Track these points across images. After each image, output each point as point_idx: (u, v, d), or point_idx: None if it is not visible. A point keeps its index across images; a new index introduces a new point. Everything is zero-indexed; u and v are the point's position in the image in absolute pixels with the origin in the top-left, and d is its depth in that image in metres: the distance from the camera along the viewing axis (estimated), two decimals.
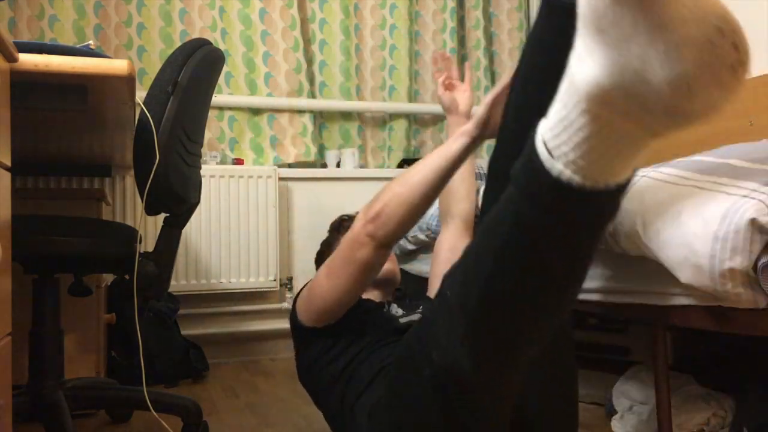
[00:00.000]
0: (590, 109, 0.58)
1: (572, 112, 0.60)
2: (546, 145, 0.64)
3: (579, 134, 0.60)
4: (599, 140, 0.60)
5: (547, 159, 0.63)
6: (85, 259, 1.47)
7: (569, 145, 0.61)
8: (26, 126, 1.33)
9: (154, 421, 1.60)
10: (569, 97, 0.60)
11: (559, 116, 0.62)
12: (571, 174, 0.62)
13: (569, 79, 0.61)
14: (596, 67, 0.57)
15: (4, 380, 0.91)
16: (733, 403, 1.52)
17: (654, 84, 0.54)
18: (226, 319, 2.70)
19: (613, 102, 0.57)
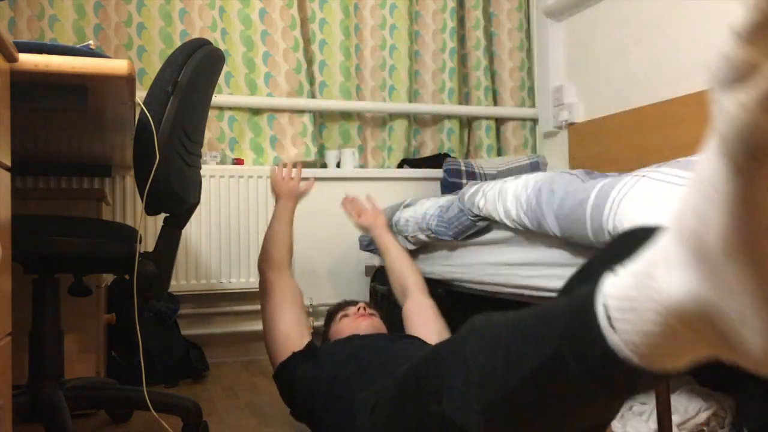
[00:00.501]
0: (667, 318, 0.56)
1: (645, 306, 0.58)
2: (607, 311, 0.62)
3: (646, 326, 0.58)
4: (665, 341, 0.58)
5: (607, 329, 0.61)
6: (85, 259, 1.47)
7: (633, 329, 0.59)
8: (26, 126, 1.33)
9: (154, 421, 1.60)
10: (646, 292, 0.57)
11: (629, 298, 0.59)
12: (627, 352, 0.60)
13: (649, 268, 0.57)
14: (686, 287, 0.53)
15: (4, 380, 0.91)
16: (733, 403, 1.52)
17: (746, 341, 0.51)
18: (226, 319, 2.70)
19: (693, 325, 0.54)
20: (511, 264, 1.80)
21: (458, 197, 1.98)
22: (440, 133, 3.14)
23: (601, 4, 2.78)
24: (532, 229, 1.61)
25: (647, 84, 2.52)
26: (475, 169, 2.83)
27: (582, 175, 1.57)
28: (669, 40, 2.42)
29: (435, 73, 3.12)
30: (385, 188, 2.94)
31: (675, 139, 2.33)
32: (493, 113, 3.16)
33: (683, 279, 0.54)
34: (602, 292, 0.63)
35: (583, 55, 2.92)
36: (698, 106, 2.24)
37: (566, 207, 1.44)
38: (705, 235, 0.51)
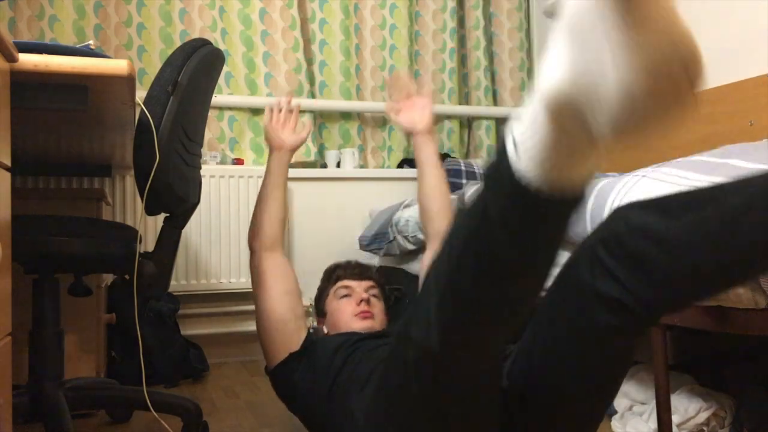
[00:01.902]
0: (552, 110, 0.63)
1: (539, 113, 0.65)
2: (515, 142, 0.69)
3: (543, 136, 0.65)
4: (557, 142, 0.65)
5: (514, 158, 0.68)
6: (85, 259, 1.47)
7: (534, 146, 0.66)
8: (26, 126, 1.34)
9: (154, 421, 1.60)
10: (537, 99, 0.65)
11: (528, 117, 0.67)
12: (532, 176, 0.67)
13: (538, 83, 0.65)
14: (560, 69, 0.60)
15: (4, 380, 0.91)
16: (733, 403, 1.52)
17: (603, 87, 0.57)
18: (226, 319, 2.70)
19: (571, 106, 0.61)
20: None
21: (458, 197, 1.98)
22: (440, 133, 3.14)
23: None
24: None
25: None
26: (475, 169, 2.83)
27: None
28: None
29: (435, 73, 3.12)
30: (385, 188, 2.94)
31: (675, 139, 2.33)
32: (493, 113, 3.16)
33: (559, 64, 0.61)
34: (510, 129, 0.70)
35: None
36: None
37: None
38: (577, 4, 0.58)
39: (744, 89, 2.07)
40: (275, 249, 1.62)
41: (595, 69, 0.57)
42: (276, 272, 1.58)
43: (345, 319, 1.61)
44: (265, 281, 1.57)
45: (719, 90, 2.16)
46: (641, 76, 0.55)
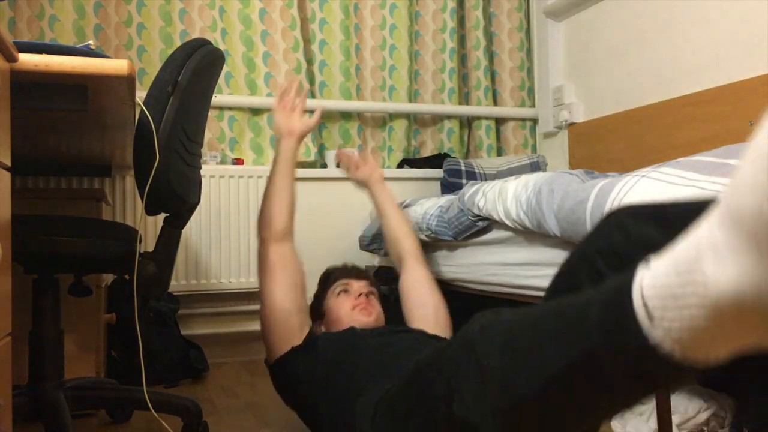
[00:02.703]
0: (719, 311, 0.54)
1: (691, 300, 0.55)
2: (646, 305, 0.59)
3: (692, 321, 0.56)
4: (710, 333, 0.56)
5: (646, 323, 0.59)
6: (85, 259, 1.47)
7: (677, 323, 0.57)
8: (26, 126, 1.33)
9: (154, 421, 1.60)
10: (692, 284, 0.55)
11: (673, 291, 0.57)
12: (669, 347, 0.58)
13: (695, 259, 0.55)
14: (741, 275, 0.51)
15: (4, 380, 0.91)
16: (733, 403, 1.52)
17: None
18: (226, 319, 2.70)
19: (748, 315, 0.52)
20: (511, 264, 1.80)
21: (458, 197, 1.98)
22: (440, 133, 3.14)
23: (601, 4, 2.78)
24: (532, 229, 1.61)
25: (647, 84, 2.52)
26: (475, 169, 2.82)
27: (582, 175, 1.57)
28: (669, 41, 2.42)
29: (435, 73, 3.12)
30: None
31: (675, 139, 2.33)
32: (493, 113, 3.16)
33: (736, 266, 0.51)
34: (638, 285, 0.60)
35: (583, 55, 2.92)
36: (698, 106, 2.24)
37: (566, 207, 1.44)
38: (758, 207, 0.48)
39: (744, 89, 2.07)
40: (285, 240, 1.61)
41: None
42: (283, 264, 1.58)
43: (344, 312, 1.61)
44: (272, 272, 1.56)
45: (719, 90, 2.16)
46: None
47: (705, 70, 2.26)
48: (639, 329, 0.59)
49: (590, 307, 0.66)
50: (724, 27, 2.19)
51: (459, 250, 2.10)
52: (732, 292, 0.51)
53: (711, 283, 0.53)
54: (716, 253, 0.53)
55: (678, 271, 0.56)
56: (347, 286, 1.66)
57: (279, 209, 1.62)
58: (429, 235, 2.16)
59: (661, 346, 0.58)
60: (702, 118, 2.22)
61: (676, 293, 0.56)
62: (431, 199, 2.33)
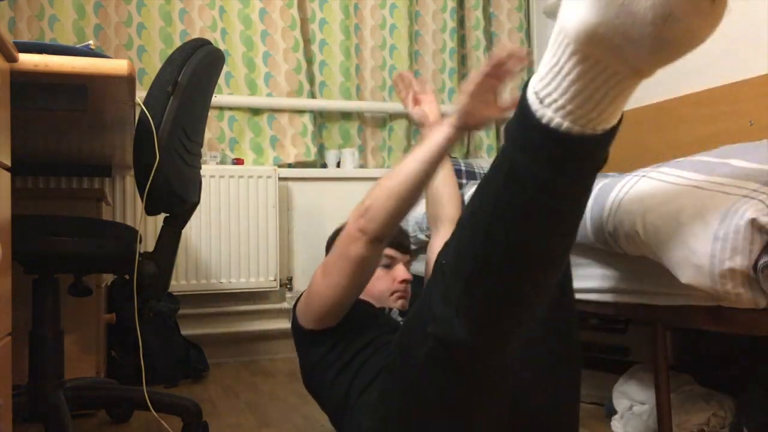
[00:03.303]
0: (580, 49, 0.61)
1: (562, 57, 0.63)
2: (537, 95, 0.66)
3: (568, 78, 0.63)
4: (588, 81, 0.63)
5: (538, 107, 0.66)
6: (85, 259, 1.47)
7: (559, 90, 0.64)
8: (26, 126, 1.33)
9: (154, 421, 1.60)
10: (559, 44, 0.63)
11: (549, 65, 0.65)
12: (560, 119, 0.64)
13: (558, 27, 0.63)
14: (585, 7, 0.59)
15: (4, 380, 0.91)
16: (733, 403, 1.52)
17: (638, 14, 0.56)
18: (226, 319, 2.70)
19: (601, 39, 0.59)
20: None
21: None
22: None
23: None
24: None
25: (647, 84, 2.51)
26: (475, 169, 2.82)
27: None
28: None
29: (435, 73, 3.12)
30: None
31: (675, 139, 2.33)
32: None
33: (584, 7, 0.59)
34: (529, 85, 0.68)
35: None
36: (698, 106, 2.24)
37: None
38: None
39: (744, 89, 2.07)
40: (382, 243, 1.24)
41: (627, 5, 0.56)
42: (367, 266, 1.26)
43: (380, 291, 1.49)
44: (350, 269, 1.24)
45: (719, 90, 2.16)
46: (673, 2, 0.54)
47: (705, 70, 2.26)
48: (534, 117, 0.66)
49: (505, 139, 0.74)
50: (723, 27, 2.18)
51: None
52: (583, 22, 0.59)
53: (567, 28, 0.61)
54: (567, 6, 0.61)
55: (551, 47, 0.65)
56: (392, 260, 1.51)
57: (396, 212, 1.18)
58: (429, 235, 2.16)
59: (553, 120, 0.65)
60: (702, 118, 2.22)
61: (551, 65, 0.64)
62: None
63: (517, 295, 0.77)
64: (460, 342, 0.79)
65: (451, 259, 0.80)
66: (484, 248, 0.75)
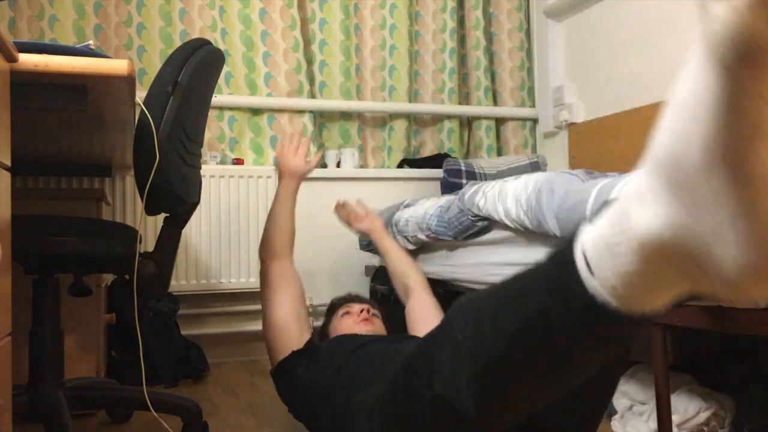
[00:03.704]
0: (644, 254, 0.57)
1: (623, 245, 0.58)
2: (586, 258, 0.62)
3: (625, 267, 0.59)
4: (644, 278, 0.59)
5: (586, 275, 0.62)
6: (85, 259, 1.47)
7: (612, 271, 0.60)
8: (26, 126, 1.33)
9: (154, 421, 1.60)
10: (623, 232, 0.59)
11: (606, 241, 0.61)
12: (607, 296, 0.61)
13: (624, 209, 0.59)
14: (660, 218, 0.55)
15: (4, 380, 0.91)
16: (733, 403, 1.52)
17: (720, 260, 0.52)
18: (226, 319, 2.70)
19: (669, 256, 0.55)
20: (511, 264, 1.80)
21: (458, 197, 1.98)
22: (440, 133, 3.14)
23: (601, 4, 2.78)
24: (532, 229, 1.61)
25: (647, 84, 2.52)
26: (475, 169, 2.83)
27: (582, 175, 1.57)
28: (669, 40, 2.42)
29: (435, 73, 3.12)
30: (385, 188, 2.94)
31: None
32: (493, 113, 3.16)
33: (657, 209, 0.55)
34: (579, 241, 0.64)
35: (583, 55, 2.92)
36: None
37: (566, 207, 1.44)
38: (683, 152, 0.51)
39: None
40: (284, 258, 1.73)
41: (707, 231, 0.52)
42: (282, 277, 1.69)
43: (347, 328, 1.69)
44: (271, 285, 1.67)
45: None
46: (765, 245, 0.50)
47: None
48: (580, 281, 0.63)
49: (541, 269, 0.71)
50: None
51: (459, 250, 2.10)
52: (653, 234, 0.55)
53: (635, 227, 0.57)
54: (641, 199, 0.57)
55: (612, 223, 0.61)
56: (349, 308, 1.76)
57: (279, 235, 1.75)
58: (429, 235, 2.16)
59: (600, 295, 0.62)
60: None
61: (609, 243, 0.60)
62: (431, 199, 2.33)
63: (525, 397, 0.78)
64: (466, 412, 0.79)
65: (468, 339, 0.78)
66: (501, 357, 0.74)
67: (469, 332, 0.80)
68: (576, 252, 0.64)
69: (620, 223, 0.59)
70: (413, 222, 2.26)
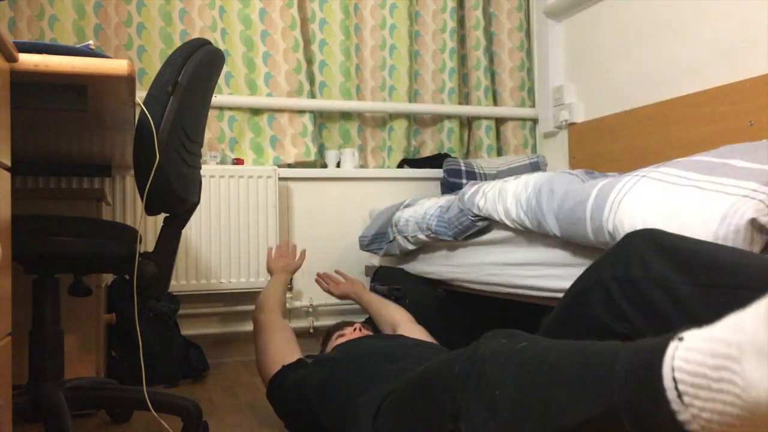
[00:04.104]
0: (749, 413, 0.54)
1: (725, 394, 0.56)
2: (677, 385, 0.59)
3: (721, 414, 0.56)
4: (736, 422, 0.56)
5: (676, 402, 0.59)
6: (85, 259, 1.47)
7: (704, 407, 0.57)
8: (26, 126, 1.33)
9: (154, 421, 1.60)
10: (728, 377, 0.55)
11: (705, 374, 0.57)
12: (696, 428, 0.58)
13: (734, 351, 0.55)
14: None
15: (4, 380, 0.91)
16: None
17: None
18: (226, 319, 2.70)
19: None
20: (511, 264, 1.80)
21: (458, 197, 1.98)
22: (440, 133, 3.14)
23: (601, 4, 2.78)
24: (532, 229, 1.61)
25: (647, 84, 2.52)
26: (475, 169, 2.83)
27: (582, 175, 1.57)
28: (669, 40, 2.42)
29: (435, 73, 3.12)
30: (385, 188, 2.94)
31: (675, 139, 2.33)
32: (493, 113, 3.16)
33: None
34: (670, 357, 0.60)
35: (583, 55, 2.92)
36: (698, 107, 2.24)
37: (566, 207, 1.44)
38: None
39: (744, 89, 2.07)
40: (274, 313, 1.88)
41: None
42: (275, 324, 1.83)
43: None
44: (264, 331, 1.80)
45: (719, 90, 2.16)
46: None
47: (705, 70, 2.26)
48: (668, 407, 0.59)
49: (617, 366, 0.65)
50: (724, 27, 2.19)
51: (459, 250, 2.10)
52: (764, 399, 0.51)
53: (751, 386, 0.53)
54: (760, 354, 0.52)
55: (714, 356, 0.56)
56: (343, 332, 1.86)
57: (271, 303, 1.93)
58: (429, 235, 2.16)
59: (689, 427, 0.58)
60: (702, 118, 2.22)
61: (710, 381, 0.56)
62: (431, 199, 2.33)
63: None
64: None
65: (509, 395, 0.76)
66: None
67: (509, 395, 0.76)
68: (665, 371, 0.60)
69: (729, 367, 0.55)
70: (413, 222, 2.26)
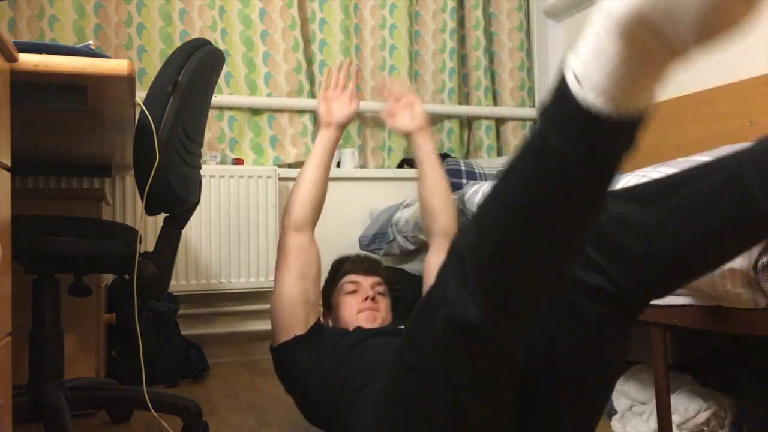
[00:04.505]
0: (627, 31, 0.61)
1: (606, 39, 0.63)
2: (576, 77, 0.67)
3: (612, 61, 0.63)
4: (632, 65, 0.63)
5: (578, 91, 0.66)
6: (85, 259, 1.47)
7: (602, 74, 0.64)
8: (26, 126, 1.33)
9: (154, 421, 1.60)
10: (603, 27, 0.63)
11: (591, 47, 0.65)
12: (602, 105, 0.65)
13: (603, 11, 0.63)
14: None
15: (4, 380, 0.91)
16: (733, 403, 1.52)
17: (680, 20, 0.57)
18: (226, 319, 2.70)
19: (647, 20, 0.59)
20: None
21: (458, 197, 1.98)
22: (440, 133, 3.14)
23: None
24: None
25: None
26: (475, 169, 2.82)
27: None
28: None
29: (435, 73, 3.12)
30: (385, 188, 2.94)
31: (675, 139, 2.33)
32: (493, 113, 3.16)
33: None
34: (568, 66, 0.69)
35: None
36: (698, 106, 2.24)
37: None
38: None
39: (744, 89, 2.07)
40: (304, 230, 1.58)
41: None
42: (298, 252, 1.55)
43: (350, 314, 1.60)
44: (286, 259, 1.55)
45: (719, 90, 2.16)
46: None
47: (705, 70, 2.26)
48: (574, 101, 0.66)
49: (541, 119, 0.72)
50: None
51: None
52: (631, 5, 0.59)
53: (614, 11, 0.61)
54: None
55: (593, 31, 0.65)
56: (356, 285, 1.64)
57: (301, 199, 1.59)
58: None
59: (598, 107, 0.65)
60: (702, 118, 2.22)
61: (594, 47, 0.65)
62: None
63: (534, 279, 0.79)
64: (473, 322, 0.80)
65: (471, 240, 0.81)
66: (506, 231, 0.76)
67: (470, 236, 0.81)
68: (568, 79, 0.68)
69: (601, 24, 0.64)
70: (413, 222, 2.26)
